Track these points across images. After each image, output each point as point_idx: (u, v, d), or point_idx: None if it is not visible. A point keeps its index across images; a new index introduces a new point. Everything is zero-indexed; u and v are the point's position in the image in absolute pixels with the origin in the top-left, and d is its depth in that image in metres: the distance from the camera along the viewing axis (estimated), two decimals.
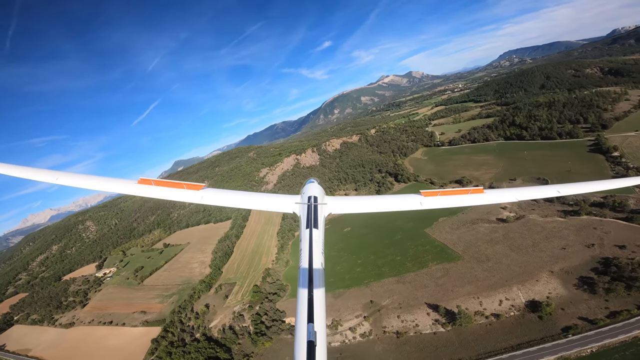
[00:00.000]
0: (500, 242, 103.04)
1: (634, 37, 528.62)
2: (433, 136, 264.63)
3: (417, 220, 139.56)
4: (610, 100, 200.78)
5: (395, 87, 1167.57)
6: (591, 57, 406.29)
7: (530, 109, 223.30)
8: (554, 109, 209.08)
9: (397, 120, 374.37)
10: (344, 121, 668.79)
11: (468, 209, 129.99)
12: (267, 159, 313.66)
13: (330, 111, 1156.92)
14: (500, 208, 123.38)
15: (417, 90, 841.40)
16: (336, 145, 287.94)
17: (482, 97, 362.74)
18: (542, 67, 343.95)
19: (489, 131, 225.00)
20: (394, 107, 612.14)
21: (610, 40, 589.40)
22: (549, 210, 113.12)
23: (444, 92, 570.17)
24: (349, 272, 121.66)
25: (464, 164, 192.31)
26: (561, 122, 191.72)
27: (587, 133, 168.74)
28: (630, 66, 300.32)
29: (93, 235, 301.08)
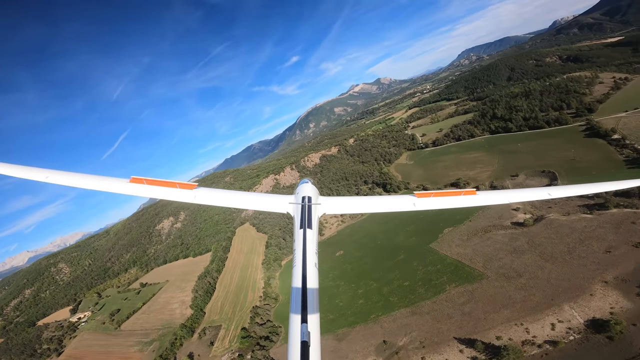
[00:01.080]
0: (526, 251, 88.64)
1: (576, 27, 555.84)
2: (414, 139, 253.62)
3: (419, 234, 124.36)
4: (585, 85, 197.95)
5: (366, 95, 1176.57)
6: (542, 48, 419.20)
7: (508, 100, 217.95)
8: (532, 98, 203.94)
9: (373, 126, 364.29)
10: (320, 134, 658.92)
11: (476, 216, 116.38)
12: (245, 182, 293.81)
13: (306, 125, 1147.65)
14: (512, 210, 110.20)
15: (388, 95, 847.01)
16: (315, 160, 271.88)
17: (453, 95, 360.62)
18: (505, 60, 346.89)
19: (472, 127, 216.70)
20: (368, 114, 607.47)
21: (555, 31, 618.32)
22: (568, 206, 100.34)
23: (414, 94, 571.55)
24: (350, 305, 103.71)
25: (454, 164, 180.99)
26: (544, 110, 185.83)
27: (575, 118, 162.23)
28: (586, 52, 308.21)
29: (67, 277, 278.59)
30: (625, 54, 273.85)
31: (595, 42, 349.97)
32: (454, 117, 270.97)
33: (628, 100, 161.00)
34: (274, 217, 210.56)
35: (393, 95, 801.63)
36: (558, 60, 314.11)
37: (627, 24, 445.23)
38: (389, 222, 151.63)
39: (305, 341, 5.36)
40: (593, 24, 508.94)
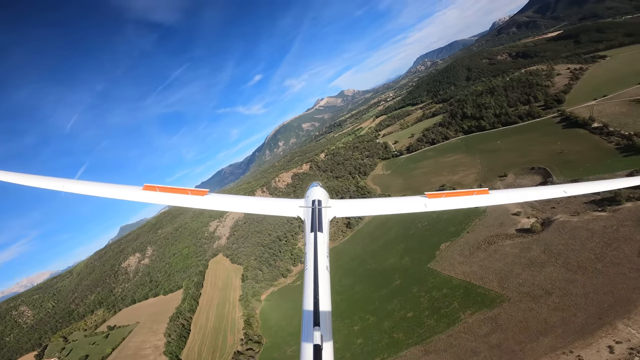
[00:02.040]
0: (546, 263, 77.12)
1: (514, 26, 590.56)
2: (387, 147, 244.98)
3: (412, 253, 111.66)
4: (544, 77, 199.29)
5: (331, 108, 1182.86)
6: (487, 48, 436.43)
7: (474, 99, 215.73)
8: (497, 94, 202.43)
9: (343, 139, 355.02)
10: (290, 152, 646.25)
11: (473, 226, 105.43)
12: (214, 210, 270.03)
13: (275, 145, 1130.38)
14: (513, 215, 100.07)
15: (353, 107, 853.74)
16: (287, 180, 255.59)
17: (417, 99, 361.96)
18: (461, 61, 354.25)
19: (444, 129, 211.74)
20: (336, 127, 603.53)
21: (496, 32, 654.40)
22: (573, 204, 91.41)
23: (378, 103, 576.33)
24: (347, 347, 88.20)
25: (434, 169, 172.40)
26: (512, 105, 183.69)
27: (546, 111, 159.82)
28: (532, 48, 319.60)
29: (30, 320, 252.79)
30: (568, 46, 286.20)
31: (537, 38, 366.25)
32: (422, 120, 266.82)
33: (592, 89, 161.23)
34: (248, 245, 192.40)
35: (358, 106, 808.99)
36: (508, 58, 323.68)
37: (558, 19, 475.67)
38: (376, 242, 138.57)
39: (317, 345, 5.16)
40: (528, 22, 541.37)
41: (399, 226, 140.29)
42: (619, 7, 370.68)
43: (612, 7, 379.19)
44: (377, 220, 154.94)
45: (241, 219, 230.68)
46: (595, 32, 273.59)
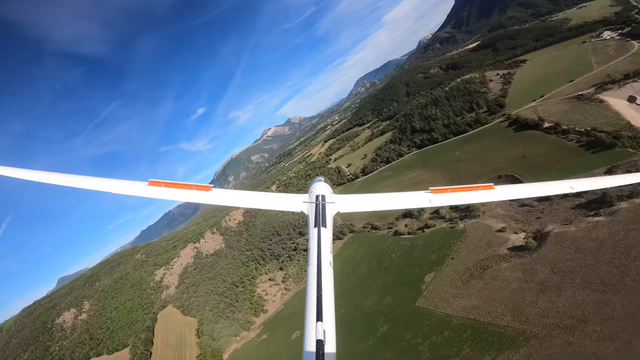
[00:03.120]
0: (560, 284, 65.38)
1: (437, 42, 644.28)
2: (341, 171, 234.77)
3: (393, 290, 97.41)
4: (480, 84, 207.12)
5: (280, 137, 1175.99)
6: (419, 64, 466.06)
7: (420, 112, 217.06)
8: (441, 104, 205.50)
9: (294, 167, 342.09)
10: (241, 186, 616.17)
11: (456, 250, 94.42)
12: (160, 256, 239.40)
13: (225, 180, 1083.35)
14: (497, 232, 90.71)
15: (301, 134, 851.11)
16: (238, 218, 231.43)
17: (363, 119, 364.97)
18: (400, 77, 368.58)
19: (397, 146, 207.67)
20: (286, 156, 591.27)
21: (423, 49, 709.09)
22: (560, 212, 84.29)
23: (325, 128, 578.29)
24: None
25: (395, 189, 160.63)
26: (458, 114, 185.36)
27: (491, 116, 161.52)
28: (458, 59, 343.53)
29: None
30: (488, 54, 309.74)
31: (461, 50, 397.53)
32: (372, 140, 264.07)
33: (526, 91, 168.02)
34: (200, 294, 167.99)
35: (306, 132, 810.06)
36: (440, 70, 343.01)
37: (472, 32, 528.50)
38: (346, 280, 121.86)
39: (320, 340, 5.27)
40: (448, 37, 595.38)
41: (369, 259, 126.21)
42: (518, 16, 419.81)
43: (513, 16, 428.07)
44: (343, 255, 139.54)
45: (190, 265, 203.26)
46: (509, 40, 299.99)
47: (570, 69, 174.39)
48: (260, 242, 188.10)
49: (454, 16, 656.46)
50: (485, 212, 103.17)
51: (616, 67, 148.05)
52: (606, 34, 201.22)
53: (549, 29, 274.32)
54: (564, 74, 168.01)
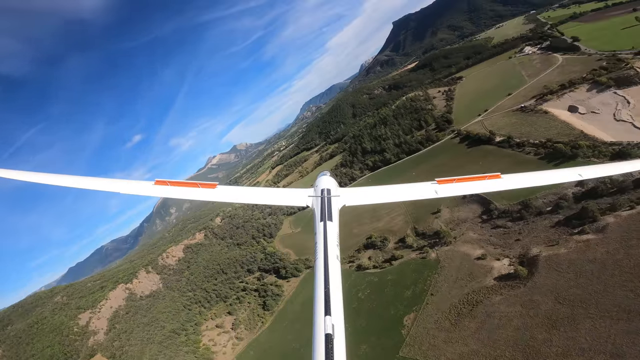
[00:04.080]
0: (574, 316, 54.37)
1: (378, 65, 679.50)
2: None
3: (367, 337, 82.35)
4: (424, 101, 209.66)
5: (225, 165, 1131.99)
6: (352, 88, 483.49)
7: (369, 132, 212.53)
8: (390, 123, 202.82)
9: None
10: (183, 218, 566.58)
11: (434, 285, 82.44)
12: (85, 298, 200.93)
13: (166, 212, 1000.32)
14: (477, 260, 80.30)
15: (248, 161, 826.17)
16: (178, 254, 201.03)
17: (311, 143, 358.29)
18: (345, 99, 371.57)
19: (348, 169, 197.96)
20: (233, 184, 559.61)
21: (365, 72, 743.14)
22: (539, 232, 76.29)
23: (272, 154, 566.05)
24: None
25: (352, 218, 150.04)
26: (407, 132, 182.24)
27: (441, 133, 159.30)
28: (399, 79, 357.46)
29: None
30: (427, 74, 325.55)
31: (401, 71, 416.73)
32: (322, 164, 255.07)
33: (468, 107, 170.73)
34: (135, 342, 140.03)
35: (253, 159, 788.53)
36: (384, 91, 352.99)
37: (408, 55, 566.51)
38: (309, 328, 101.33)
39: (329, 334, 5.36)
40: (388, 60, 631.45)
41: None
42: (448, 38, 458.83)
43: (443, 38, 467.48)
44: (301, 297, 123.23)
45: (122, 308, 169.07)
46: (443, 59, 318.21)
47: (504, 83, 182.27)
48: (203, 281, 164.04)
49: (392, 40, 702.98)
50: (457, 237, 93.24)
51: (548, 79, 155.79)
52: (527, 49, 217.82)
53: (477, 47, 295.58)
54: (501, 88, 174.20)
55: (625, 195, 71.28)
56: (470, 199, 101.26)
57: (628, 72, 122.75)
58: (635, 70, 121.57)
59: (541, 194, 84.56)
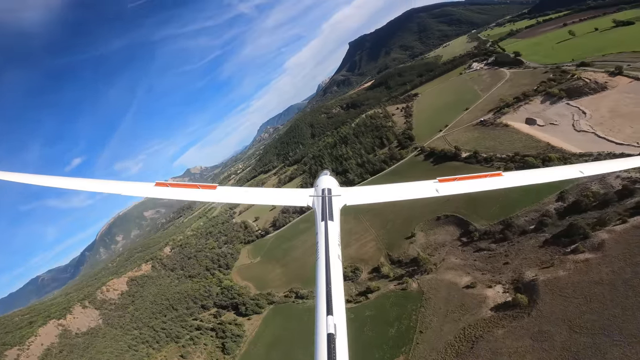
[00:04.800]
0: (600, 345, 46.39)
1: (335, 85, 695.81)
2: (248, 227, 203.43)
3: None
4: (384, 118, 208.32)
5: None
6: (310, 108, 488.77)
7: (330, 152, 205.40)
8: (350, 142, 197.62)
9: (193, 224, 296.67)
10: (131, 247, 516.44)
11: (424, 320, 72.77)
12: (12, 334, 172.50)
13: (111, 240, 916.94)
14: (465, 289, 72.61)
15: None
16: (121, 287, 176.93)
17: (269, 165, 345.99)
18: (304, 119, 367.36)
19: None
20: (186, 210, 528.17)
21: (323, 92, 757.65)
22: (527, 254, 69.77)
23: (229, 177, 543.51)
24: None
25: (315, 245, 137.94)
26: (369, 151, 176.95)
27: (404, 150, 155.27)
28: (356, 98, 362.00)
29: None
30: (383, 92, 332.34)
31: (358, 89, 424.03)
32: (280, 187, 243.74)
33: (428, 122, 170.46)
34: None
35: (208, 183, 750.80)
36: (342, 110, 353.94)
37: (363, 75, 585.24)
38: None
39: (331, 333, 5.38)
40: (344, 80, 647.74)
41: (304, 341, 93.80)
42: (400, 57, 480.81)
43: (395, 58, 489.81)
44: (267, 336, 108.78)
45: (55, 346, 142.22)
46: (398, 77, 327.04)
47: (459, 98, 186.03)
48: (151, 318, 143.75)
49: (349, 60, 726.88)
50: (437, 264, 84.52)
51: (500, 92, 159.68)
52: (475, 65, 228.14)
53: (428, 65, 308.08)
54: (457, 103, 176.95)
55: (611, 208, 67.75)
56: (446, 220, 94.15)
57: (577, 83, 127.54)
58: (584, 80, 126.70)
59: (522, 211, 79.68)
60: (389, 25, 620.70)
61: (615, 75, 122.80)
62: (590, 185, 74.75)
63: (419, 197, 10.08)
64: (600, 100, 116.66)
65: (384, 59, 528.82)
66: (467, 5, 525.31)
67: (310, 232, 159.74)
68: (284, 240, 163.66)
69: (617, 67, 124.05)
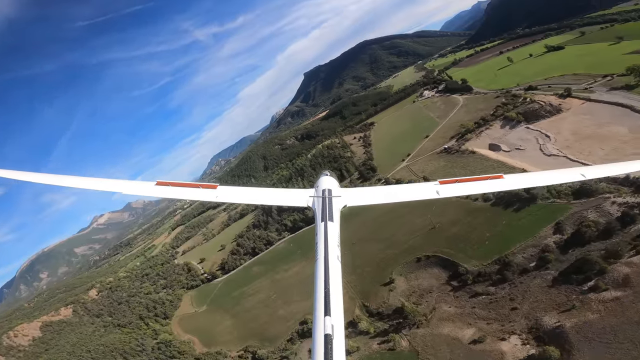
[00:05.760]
0: None
1: (289, 116, 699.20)
2: (192, 269, 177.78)
3: None
4: (342, 148, 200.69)
5: (116, 225, 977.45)
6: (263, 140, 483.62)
7: (284, 186, 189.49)
8: (307, 174, 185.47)
9: (129, 263, 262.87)
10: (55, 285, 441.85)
11: None
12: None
13: (34, 277, 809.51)
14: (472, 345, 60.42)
15: (145, 221, 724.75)
16: (32, 333, 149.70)
17: None
18: (256, 150, 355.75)
19: (263, 231, 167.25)
20: (123, 247, 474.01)
21: (276, 124, 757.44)
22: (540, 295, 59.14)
23: (175, 212, 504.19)
24: None
25: (275, 292, 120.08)
26: None
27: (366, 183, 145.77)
28: (311, 128, 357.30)
29: None
30: (338, 122, 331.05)
31: (312, 120, 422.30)
32: (230, 225, 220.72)
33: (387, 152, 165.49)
34: None
35: (152, 218, 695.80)
36: (296, 141, 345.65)
37: (317, 105, 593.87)
38: None
39: (328, 334, 5.42)
40: (298, 111, 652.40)
41: None
42: (352, 88, 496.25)
43: (348, 88, 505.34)
44: None
45: None
46: (353, 106, 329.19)
47: (417, 125, 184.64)
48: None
49: (303, 91, 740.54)
50: (428, 315, 69.67)
51: (458, 118, 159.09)
52: (426, 93, 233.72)
53: (381, 94, 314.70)
54: (415, 131, 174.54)
55: (616, 237, 60.80)
56: (428, 261, 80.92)
57: (533, 106, 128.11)
58: (539, 103, 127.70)
59: (517, 247, 69.63)
60: (343, 56, 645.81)
61: (565, 97, 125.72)
62: (587, 214, 67.42)
63: (420, 199, 10.24)
64: (559, 123, 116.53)
65: (338, 90, 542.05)
66: (414, 38, 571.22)
67: (265, 279, 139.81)
68: (235, 286, 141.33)
69: (566, 89, 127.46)
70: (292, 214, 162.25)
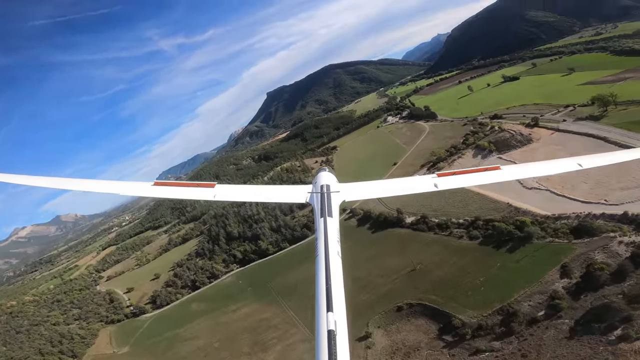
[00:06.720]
0: None
1: (247, 135, 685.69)
2: (115, 299, 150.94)
3: None
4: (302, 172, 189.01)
5: (40, 239, 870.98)
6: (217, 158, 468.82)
7: (236, 210, 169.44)
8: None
9: (42, 285, 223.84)
10: None
11: None
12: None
13: None
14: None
15: (75, 236, 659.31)
16: None
17: (160, 221, 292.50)
18: (208, 169, 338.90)
19: (207, 261, 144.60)
20: (44, 264, 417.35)
21: (234, 142, 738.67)
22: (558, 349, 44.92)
23: (111, 229, 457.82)
24: None
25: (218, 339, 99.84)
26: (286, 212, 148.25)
27: None
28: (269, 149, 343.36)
29: None
30: (299, 144, 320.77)
31: (272, 140, 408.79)
32: (170, 250, 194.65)
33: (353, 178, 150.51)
34: None
35: (82, 234, 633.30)
36: (253, 162, 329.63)
37: (278, 127, 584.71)
38: None
39: (331, 330, 5.41)
40: (258, 131, 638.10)
41: None
42: (314, 111, 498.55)
43: (310, 111, 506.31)
44: None
45: None
46: (314, 129, 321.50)
47: (382, 151, 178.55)
48: None
49: (265, 110, 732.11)
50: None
51: (426, 145, 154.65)
52: (390, 119, 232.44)
53: (344, 118, 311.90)
54: (381, 157, 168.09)
55: (631, 279, 54.24)
56: (411, 310, 66.67)
57: (504, 135, 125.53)
58: (510, 133, 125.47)
59: (522, 295, 58.76)
60: (308, 79, 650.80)
61: (533, 126, 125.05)
62: (594, 255, 59.14)
63: (418, 192, 10.15)
64: (532, 154, 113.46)
65: (300, 112, 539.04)
66: (378, 65, 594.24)
67: (206, 319, 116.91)
68: (168, 325, 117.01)
69: (533, 119, 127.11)
70: (244, 243, 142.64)
